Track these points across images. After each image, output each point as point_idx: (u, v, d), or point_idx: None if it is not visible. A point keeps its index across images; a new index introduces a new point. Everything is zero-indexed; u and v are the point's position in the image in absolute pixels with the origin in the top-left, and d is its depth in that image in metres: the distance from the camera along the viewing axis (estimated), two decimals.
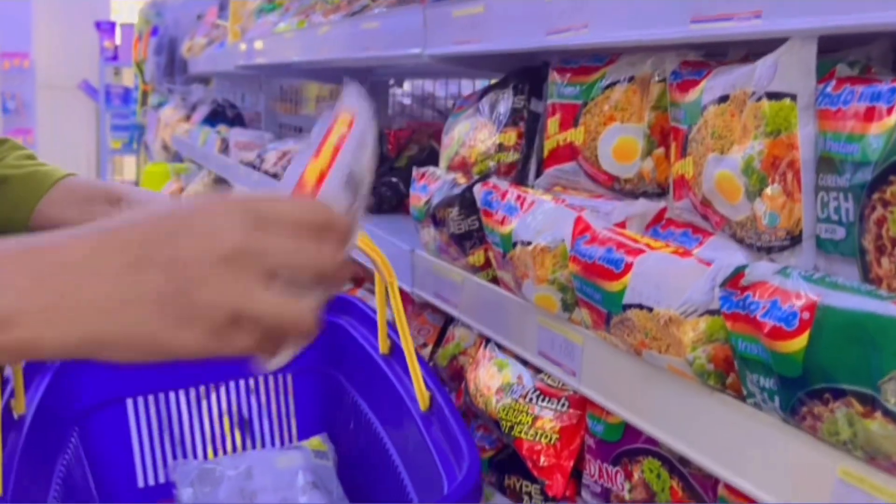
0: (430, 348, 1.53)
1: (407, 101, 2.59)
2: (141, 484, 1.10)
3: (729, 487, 0.71)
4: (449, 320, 1.51)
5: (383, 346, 0.93)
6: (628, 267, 0.73)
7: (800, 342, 0.57)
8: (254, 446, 1.19)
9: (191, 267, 0.42)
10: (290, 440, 1.19)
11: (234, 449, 1.17)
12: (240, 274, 0.41)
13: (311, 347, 1.12)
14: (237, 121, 3.80)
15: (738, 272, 0.63)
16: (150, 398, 1.10)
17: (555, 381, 0.96)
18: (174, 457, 1.13)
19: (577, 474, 0.98)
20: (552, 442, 0.92)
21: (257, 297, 0.42)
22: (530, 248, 0.88)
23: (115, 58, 7.99)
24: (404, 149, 1.88)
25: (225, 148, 2.90)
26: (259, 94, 3.98)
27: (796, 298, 0.58)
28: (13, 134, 6.43)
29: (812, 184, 0.64)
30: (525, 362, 1.01)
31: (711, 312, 0.66)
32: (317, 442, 1.16)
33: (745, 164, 0.68)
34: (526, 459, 0.93)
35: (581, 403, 0.94)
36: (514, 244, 0.92)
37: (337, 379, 1.11)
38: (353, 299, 1.17)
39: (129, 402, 1.09)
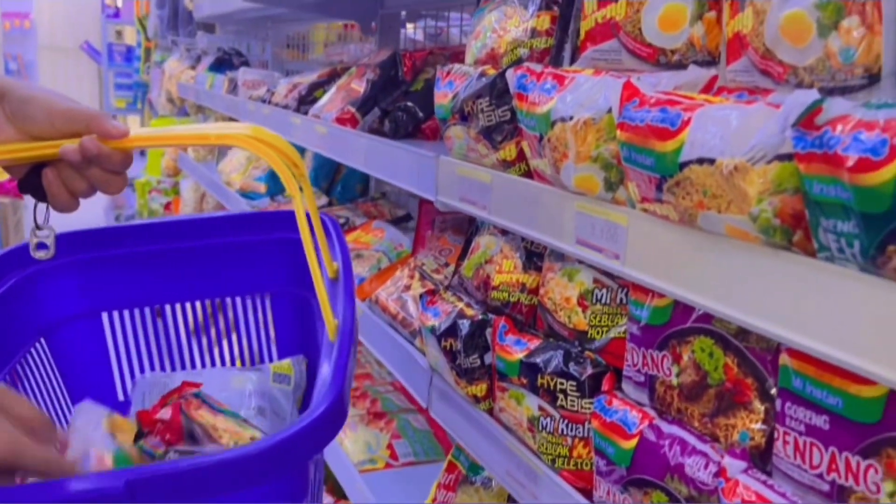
0: (451, 268, 1.48)
1: (419, 37, 2.52)
2: (121, 398, 1.07)
3: (794, 354, 0.66)
4: (470, 238, 1.47)
5: (330, 271, 0.88)
6: (686, 123, 0.68)
7: (889, 171, 0.52)
8: (233, 364, 1.14)
9: None
10: (272, 360, 1.15)
11: (204, 365, 1.13)
12: None
13: (282, 268, 1.07)
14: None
15: (815, 107, 0.57)
16: (126, 313, 1.06)
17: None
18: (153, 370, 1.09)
19: (616, 371, 0.93)
20: None
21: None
22: (572, 123, 0.83)
23: (116, 15, 7.88)
24: (420, 72, 1.81)
25: (233, 88, 2.83)
26: (265, 42, 3.91)
27: (885, 127, 0.52)
28: None
29: (895, 13, 0.59)
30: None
31: (781, 158, 0.60)
32: (286, 365, 1.11)
33: None
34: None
35: None
36: (553, 123, 0.86)
37: (307, 299, 1.06)
38: (322, 216, 1.11)
39: (104, 316, 1.05)
